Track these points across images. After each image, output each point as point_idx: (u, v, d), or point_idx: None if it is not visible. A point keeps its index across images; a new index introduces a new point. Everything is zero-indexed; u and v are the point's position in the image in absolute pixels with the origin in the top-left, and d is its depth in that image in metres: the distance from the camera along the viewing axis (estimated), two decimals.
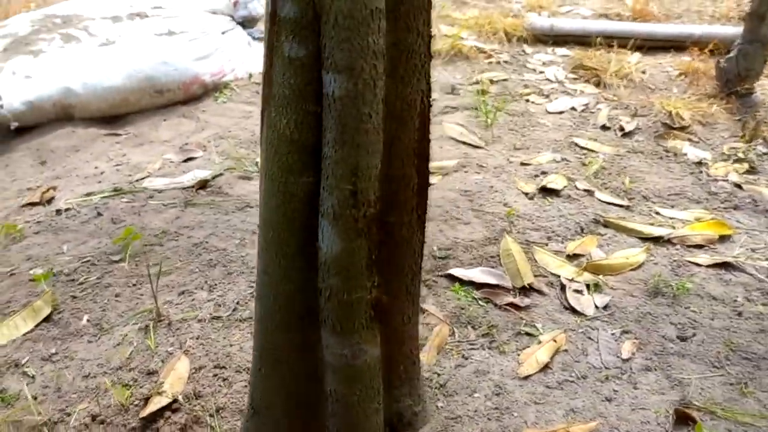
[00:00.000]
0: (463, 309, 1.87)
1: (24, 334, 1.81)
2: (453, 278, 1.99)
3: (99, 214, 2.36)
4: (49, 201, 2.60)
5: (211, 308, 1.88)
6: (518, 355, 1.71)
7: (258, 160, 2.82)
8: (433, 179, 2.57)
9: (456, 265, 2.05)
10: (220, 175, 2.68)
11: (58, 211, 2.44)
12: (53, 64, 3.06)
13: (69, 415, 1.56)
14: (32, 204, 2.62)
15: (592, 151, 2.87)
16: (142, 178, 2.64)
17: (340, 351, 1.05)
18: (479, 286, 1.96)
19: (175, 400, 1.56)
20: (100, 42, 3.21)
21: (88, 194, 2.51)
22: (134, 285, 2.00)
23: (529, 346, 1.74)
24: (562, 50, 4.11)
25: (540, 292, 1.94)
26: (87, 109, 3.10)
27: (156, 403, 1.55)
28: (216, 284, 2.00)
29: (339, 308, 1.02)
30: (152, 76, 3.15)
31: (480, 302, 1.90)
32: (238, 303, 1.92)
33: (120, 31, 3.28)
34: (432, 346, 1.73)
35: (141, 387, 1.63)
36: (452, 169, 2.66)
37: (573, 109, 3.37)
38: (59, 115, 3.06)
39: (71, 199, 2.51)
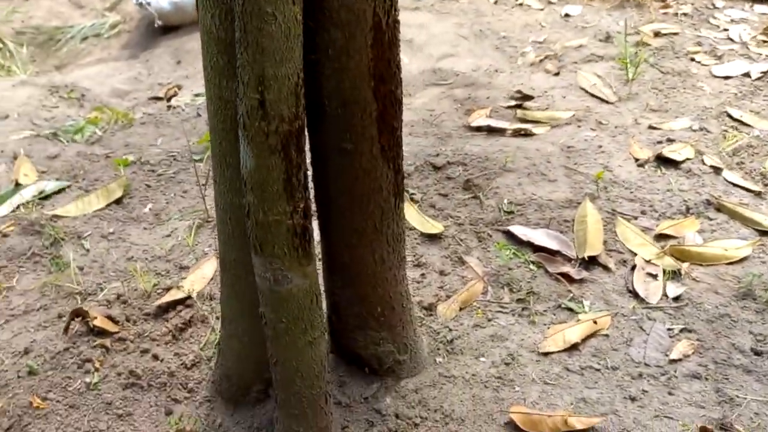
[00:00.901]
0: (508, 270, 1.70)
1: (94, 211, 1.95)
2: (511, 236, 1.81)
3: (198, 115, 2.46)
4: (170, 98, 2.76)
5: None
6: (548, 328, 1.53)
7: None
8: (538, 129, 2.35)
9: (520, 223, 1.86)
10: None
11: (169, 107, 2.58)
12: None
13: (102, 290, 1.66)
14: (157, 98, 2.80)
15: (746, 125, 2.44)
16: None
17: (263, 273, 0.98)
18: (537, 248, 1.76)
19: (189, 297, 1.60)
20: None
21: (197, 95, 2.62)
22: (203, 185, 2.06)
23: (565, 322, 1.54)
24: (762, 8, 3.50)
25: (605, 267, 1.71)
26: None
27: (172, 296, 1.60)
28: None
29: (257, 227, 0.94)
30: None
31: (530, 266, 1.72)
32: None
33: None
34: (457, 299, 1.60)
35: (169, 278, 1.69)
36: (564, 121, 2.41)
37: (746, 75, 2.87)
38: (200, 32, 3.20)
39: (184, 99, 2.64)
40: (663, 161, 2.15)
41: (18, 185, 2.04)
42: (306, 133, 0.95)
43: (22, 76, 3.23)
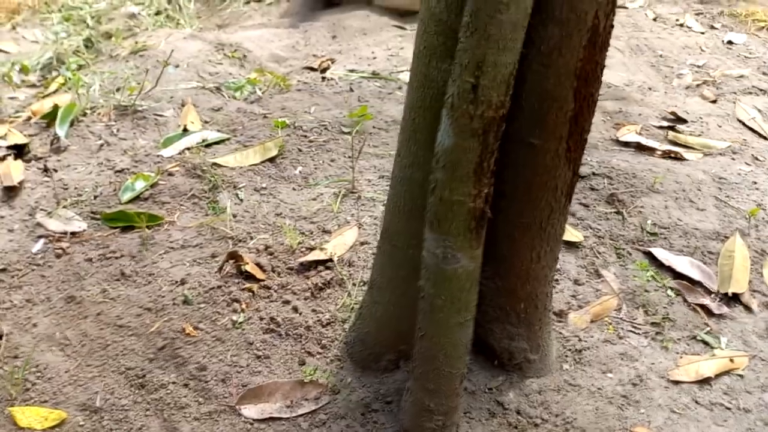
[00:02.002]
0: (645, 291, 1.68)
1: (250, 165, 2.08)
2: (652, 258, 1.78)
3: (351, 90, 2.55)
4: (324, 70, 2.88)
5: None
6: (680, 357, 1.50)
7: None
8: (689, 154, 2.28)
9: (663, 246, 1.82)
10: None
11: (323, 79, 2.69)
12: None
13: (252, 238, 1.78)
14: (310, 68, 2.93)
15: None
16: (402, 71, 2.76)
17: (433, 249, 1.02)
18: (677, 275, 1.73)
19: (330, 260, 1.68)
20: None
21: (351, 71, 2.72)
22: (349, 157, 2.15)
23: (699, 354, 1.51)
24: None
25: (747, 307, 1.65)
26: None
27: (315, 256, 1.69)
28: None
29: (439, 204, 0.99)
30: None
31: (669, 291, 1.68)
32: None
33: None
34: (589, 311, 1.60)
35: (313, 239, 1.78)
36: (718, 151, 2.32)
37: None
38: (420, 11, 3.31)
39: (337, 72, 2.74)
40: None
41: (185, 131, 2.20)
42: (504, 122, 0.98)
43: (190, 30, 3.45)
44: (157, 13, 3.69)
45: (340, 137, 2.26)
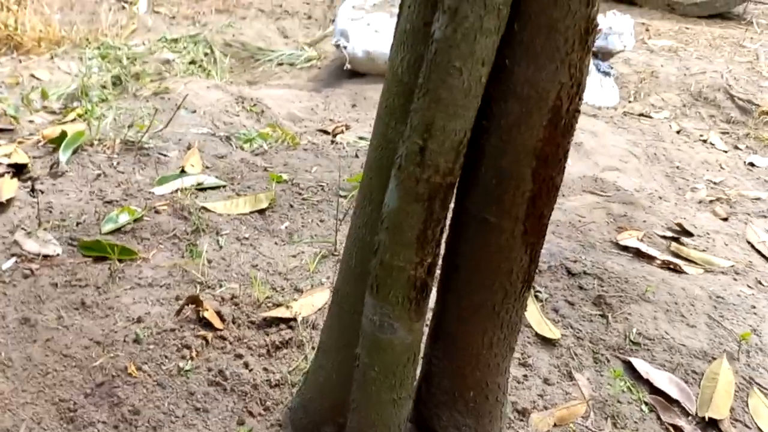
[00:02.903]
0: (617, 402, 1.58)
1: (238, 214, 2.06)
2: (630, 368, 1.69)
3: (356, 156, 2.56)
4: (336, 134, 2.90)
5: None
6: None
7: None
8: (689, 269, 2.20)
9: (644, 358, 1.73)
10: None
11: (332, 142, 2.71)
12: None
13: (221, 286, 1.74)
14: (324, 131, 2.96)
15: None
16: None
17: (371, 315, 0.97)
18: (654, 390, 1.63)
19: (294, 319, 1.63)
20: None
21: (361, 138, 2.73)
22: (339, 220, 2.12)
23: None
24: None
25: None
26: None
27: (279, 312, 1.64)
28: None
29: (380, 268, 0.94)
30: None
31: (642, 407, 1.58)
32: None
33: None
34: (554, 414, 1.50)
35: (282, 296, 1.73)
36: (720, 269, 2.24)
37: None
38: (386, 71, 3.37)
39: (348, 138, 2.76)
40: None
41: (183, 172, 2.21)
42: (453, 192, 0.95)
43: (217, 80, 3.54)
44: (192, 62, 3.81)
45: (334, 199, 2.24)
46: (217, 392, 1.43)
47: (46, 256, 1.78)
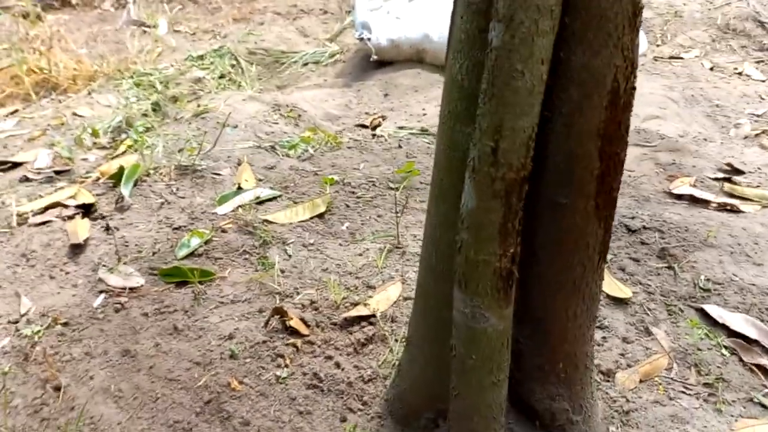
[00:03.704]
0: (697, 350, 1.62)
1: (299, 221, 2.14)
2: (705, 315, 1.72)
3: (400, 146, 2.61)
4: (375, 127, 2.96)
5: None
6: (736, 420, 1.43)
7: None
8: (746, 207, 2.21)
9: (717, 303, 1.76)
10: None
11: (374, 136, 2.77)
12: (421, 10, 3.40)
13: (297, 294, 1.83)
14: (362, 126, 3.02)
15: None
16: None
17: (462, 308, 1.03)
18: (732, 333, 1.66)
19: (373, 315, 1.70)
20: None
21: (401, 128, 2.78)
22: (396, 213, 2.19)
23: (755, 418, 1.43)
24: None
25: None
26: (436, 56, 3.37)
27: (358, 311, 1.72)
28: None
29: (465, 264, 1.00)
30: None
31: (723, 350, 1.62)
32: None
33: None
34: (638, 370, 1.55)
35: (357, 294, 1.81)
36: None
37: None
38: (413, 56, 3.40)
39: (387, 129, 2.82)
40: None
41: (240, 188, 2.30)
42: (527, 183, 1.00)
43: (250, 92, 3.62)
44: (221, 77, 3.90)
45: (387, 193, 2.30)
46: (315, 394, 1.52)
47: (131, 289, 1.89)
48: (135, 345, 1.70)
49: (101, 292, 1.90)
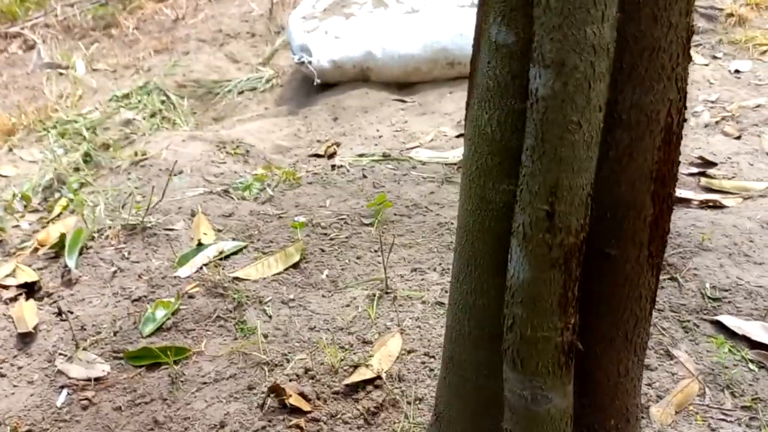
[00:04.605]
0: (724, 368, 1.53)
1: (273, 275, 1.96)
2: (722, 327, 1.65)
3: (364, 176, 2.46)
4: (331, 156, 2.79)
5: (438, 292, 1.83)
6: None
7: None
8: (728, 201, 2.17)
9: (730, 312, 1.69)
10: None
11: (333, 167, 2.60)
12: (360, 27, 3.25)
13: (288, 361, 1.65)
14: (317, 156, 2.84)
15: None
16: (412, 148, 2.68)
17: (519, 391, 0.90)
18: (755, 345, 1.59)
19: (378, 377, 1.55)
20: (405, 10, 3.32)
21: (361, 155, 2.63)
22: (375, 251, 2.04)
23: None
24: None
25: None
26: (382, 74, 3.24)
27: (361, 375, 1.56)
28: (449, 269, 1.94)
29: (521, 343, 0.86)
30: (447, 47, 3.16)
31: (750, 366, 1.54)
32: None
33: (426, 0, 3.35)
34: (671, 402, 1.45)
35: (354, 353, 1.65)
36: (758, 192, 2.21)
37: None
38: (357, 76, 3.26)
39: (346, 158, 2.66)
40: None
41: (200, 245, 2.09)
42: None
43: (186, 129, 3.39)
44: (152, 116, 3.64)
45: (362, 230, 2.15)
46: None
47: (97, 379, 1.67)
48: None
49: (62, 387, 1.67)
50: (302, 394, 1.51)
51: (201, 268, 2.01)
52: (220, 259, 2.05)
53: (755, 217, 2.05)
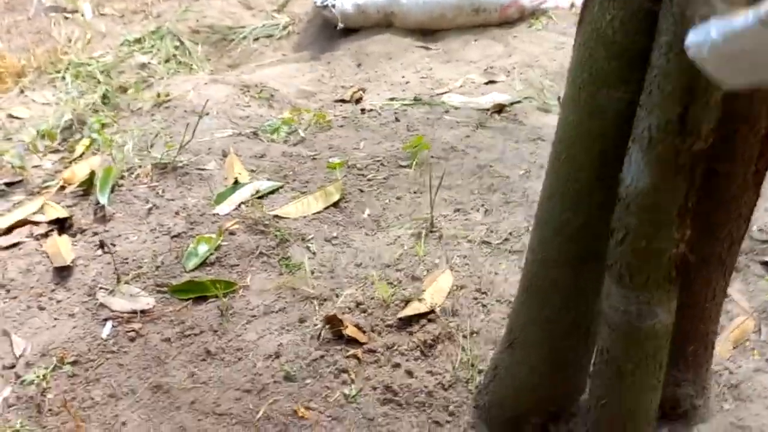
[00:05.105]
0: None
1: (314, 214, 1.93)
2: None
3: (397, 120, 2.42)
4: (357, 101, 2.75)
5: (483, 232, 1.81)
6: None
7: (561, 93, 2.64)
8: None
9: None
10: (519, 102, 2.56)
11: (363, 110, 2.56)
12: None
13: (337, 296, 1.63)
14: (343, 101, 2.80)
15: None
16: (442, 93, 2.64)
17: (624, 306, 0.88)
18: None
19: (432, 311, 1.54)
20: None
21: (391, 99, 2.59)
22: (415, 192, 2.01)
23: None
24: None
25: None
26: (406, 20, 3.17)
27: (414, 309, 1.55)
28: (492, 209, 1.93)
29: (632, 255, 0.85)
30: None
31: None
32: (511, 233, 1.83)
33: None
34: (728, 338, 1.46)
35: (404, 289, 1.64)
36: None
37: None
38: (381, 21, 3.19)
39: (376, 102, 2.61)
40: None
41: (237, 183, 2.06)
42: None
43: (204, 74, 3.32)
44: (167, 60, 3.56)
45: (399, 171, 2.12)
46: (394, 410, 1.35)
47: (143, 312, 1.65)
48: (165, 378, 1.47)
49: (106, 319, 1.65)
50: (357, 326, 1.50)
51: (239, 206, 1.98)
52: (258, 198, 2.02)
53: None
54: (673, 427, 1.24)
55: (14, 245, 1.92)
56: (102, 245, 1.82)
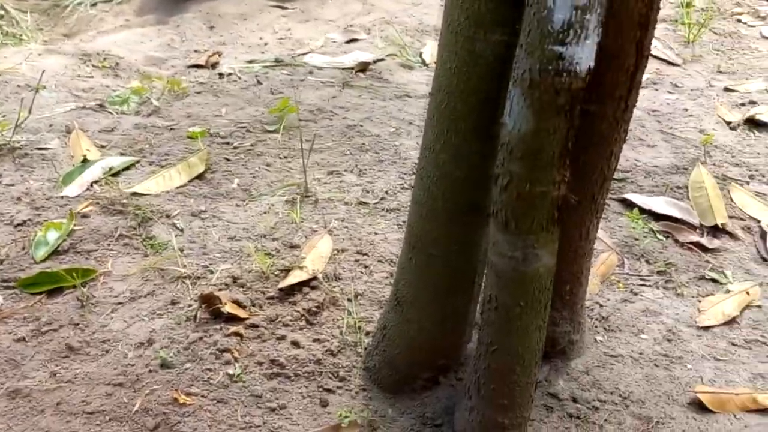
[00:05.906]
0: (636, 240, 1.64)
1: (177, 188, 1.81)
2: (629, 204, 1.75)
3: (259, 83, 2.31)
4: (214, 65, 2.59)
5: (359, 193, 1.78)
6: (699, 301, 1.47)
7: (422, 50, 2.64)
8: None
9: (634, 191, 1.79)
10: (382, 60, 2.54)
11: (221, 75, 2.42)
12: None
13: (212, 272, 1.54)
14: (198, 66, 2.63)
15: None
16: (304, 54, 2.55)
17: (510, 252, 0.88)
18: (659, 217, 1.70)
19: (314, 278, 1.49)
20: None
21: (251, 62, 2.46)
22: (285, 157, 1.94)
23: (713, 294, 1.49)
24: None
25: (733, 235, 1.66)
26: None
27: (295, 277, 1.49)
28: (366, 170, 1.89)
29: (516, 201, 0.84)
30: None
31: (658, 236, 1.65)
32: (386, 192, 1.81)
33: None
34: (596, 273, 1.53)
35: (282, 258, 1.57)
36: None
37: None
38: None
39: (234, 65, 2.48)
40: (754, 124, 2.11)
41: (85, 161, 1.87)
42: None
43: (37, 45, 2.99)
44: None
45: (266, 137, 2.03)
46: (282, 384, 1.30)
47: None
48: (23, 381, 1.32)
49: None
50: (236, 302, 1.42)
51: (91, 185, 1.81)
52: (111, 176, 1.85)
53: (641, 106, 2.17)
54: (554, 364, 1.29)
55: None
56: None
